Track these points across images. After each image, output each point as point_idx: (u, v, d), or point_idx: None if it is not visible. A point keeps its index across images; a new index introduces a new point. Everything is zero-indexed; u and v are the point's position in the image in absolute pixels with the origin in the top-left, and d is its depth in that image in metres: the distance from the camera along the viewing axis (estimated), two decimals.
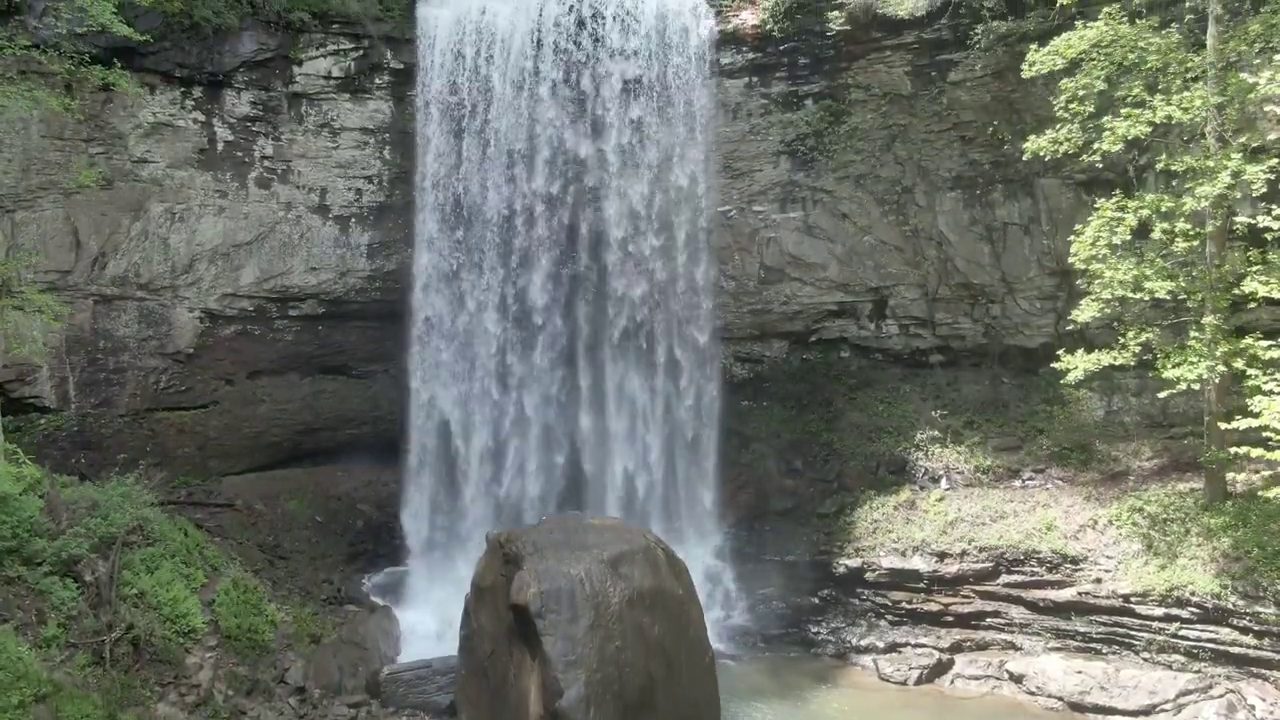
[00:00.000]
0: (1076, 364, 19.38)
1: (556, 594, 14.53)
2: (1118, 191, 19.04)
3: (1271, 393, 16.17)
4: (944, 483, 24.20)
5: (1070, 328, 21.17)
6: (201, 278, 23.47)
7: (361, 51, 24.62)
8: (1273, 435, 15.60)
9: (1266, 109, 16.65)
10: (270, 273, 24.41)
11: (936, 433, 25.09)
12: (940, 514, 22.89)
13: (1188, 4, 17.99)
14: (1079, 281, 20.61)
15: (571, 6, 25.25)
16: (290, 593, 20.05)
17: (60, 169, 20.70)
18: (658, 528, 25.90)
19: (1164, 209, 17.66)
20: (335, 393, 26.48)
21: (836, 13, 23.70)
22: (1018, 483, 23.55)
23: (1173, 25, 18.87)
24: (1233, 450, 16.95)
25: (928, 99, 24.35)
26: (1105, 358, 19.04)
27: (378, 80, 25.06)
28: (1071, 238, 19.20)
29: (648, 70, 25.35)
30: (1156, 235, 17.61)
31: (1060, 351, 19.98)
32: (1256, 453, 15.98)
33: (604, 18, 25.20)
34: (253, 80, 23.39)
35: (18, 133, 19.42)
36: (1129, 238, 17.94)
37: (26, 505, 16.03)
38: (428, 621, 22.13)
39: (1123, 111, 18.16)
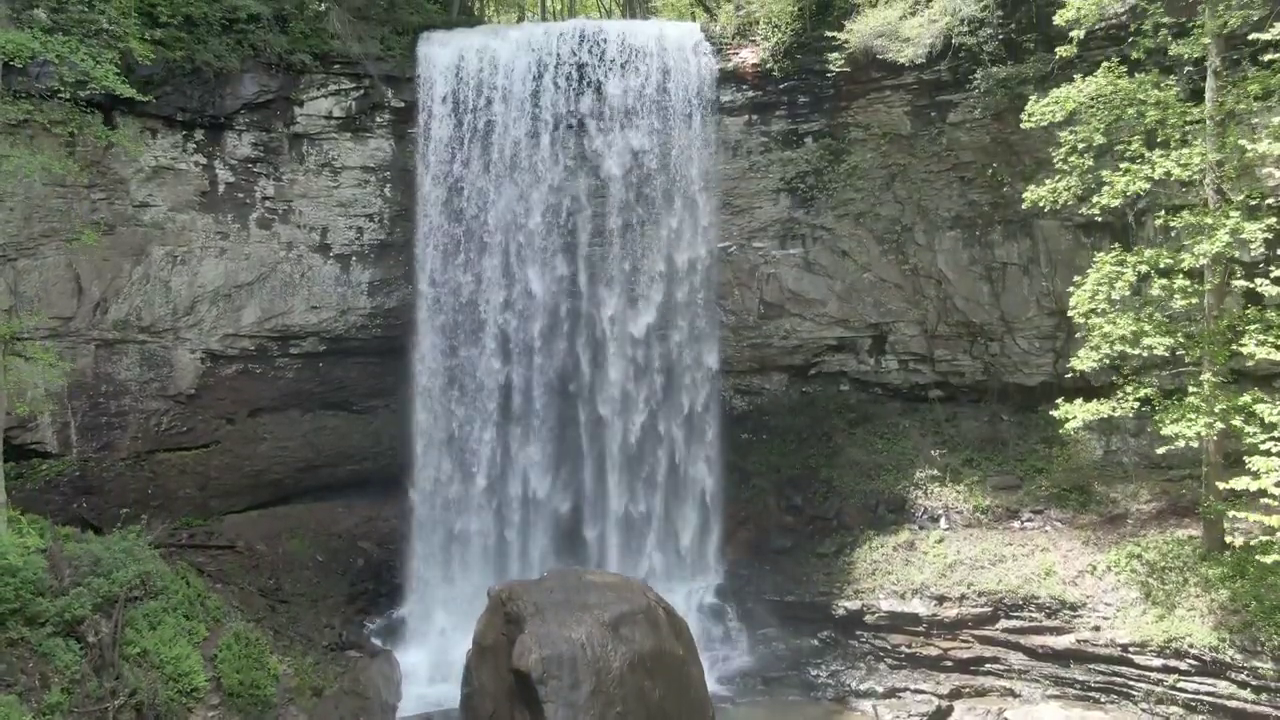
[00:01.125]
0: (1075, 413, 19.44)
1: (558, 660, 14.60)
2: (1116, 245, 19.11)
3: (1269, 453, 16.22)
4: (943, 522, 24.27)
5: (1069, 374, 21.26)
6: (203, 319, 23.51)
7: (363, 91, 24.64)
8: (1271, 501, 15.66)
9: (1263, 171, 16.67)
10: (271, 312, 24.45)
11: (935, 471, 25.17)
12: (939, 556, 22.96)
13: (1187, 54, 17.98)
14: (1078, 326, 20.75)
15: (572, 44, 25.36)
16: (292, 641, 20.09)
17: (62, 216, 20.73)
18: (658, 561, 26.28)
19: (1163, 264, 17.72)
20: (336, 429, 26.52)
21: (836, 54, 23.71)
22: (1016, 523, 23.62)
23: (1172, 77, 18.92)
24: (1231, 513, 17.00)
25: (927, 139, 24.42)
26: (1104, 408, 19.10)
27: (379, 118, 25.09)
28: (1071, 289, 19.22)
29: (648, 106, 25.43)
30: (1155, 291, 17.66)
31: (1059, 400, 20.02)
32: (1255, 517, 16.03)
33: (604, 55, 25.29)
34: (254, 122, 23.42)
35: (19, 182, 19.38)
36: (1128, 293, 17.98)
37: (30, 563, 16.07)
38: (429, 664, 22.26)
39: (1122, 166, 18.22)
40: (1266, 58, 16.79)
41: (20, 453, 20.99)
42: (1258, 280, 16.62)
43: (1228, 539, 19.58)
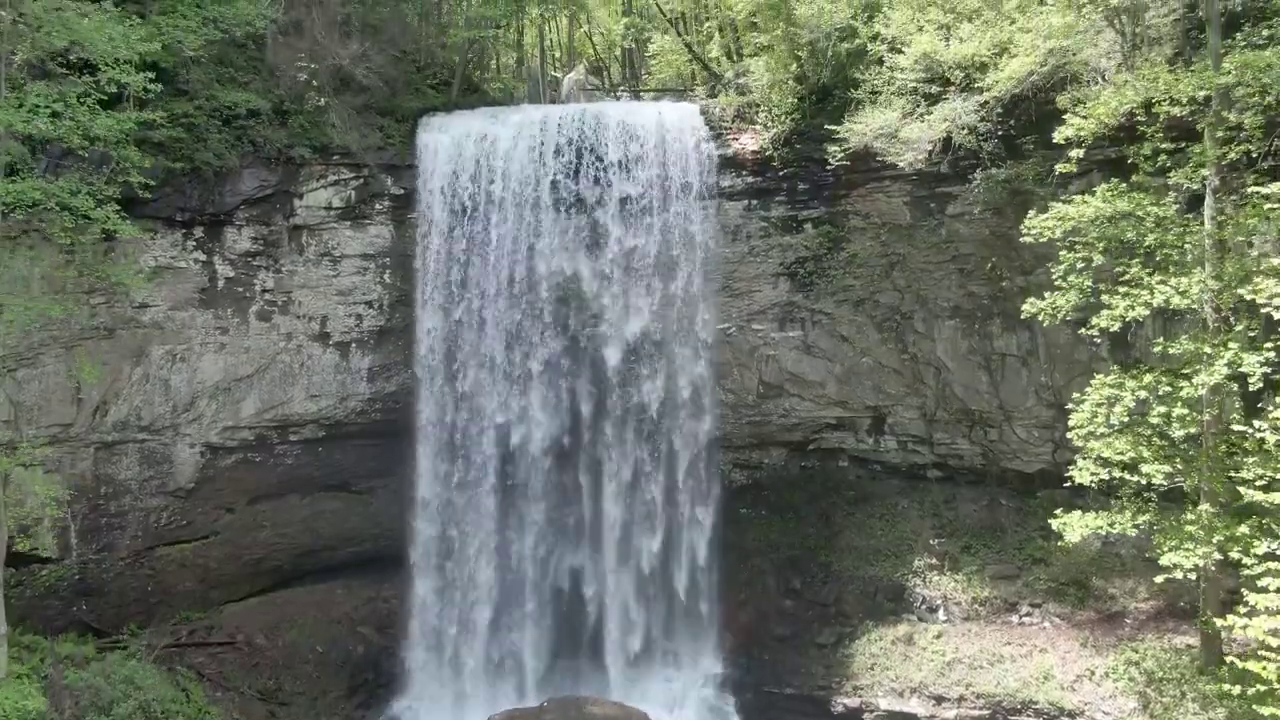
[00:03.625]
0: (1073, 525, 19.47)
1: None
2: (1116, 367, 19.14)
3: (1265, 589, 16.26)
4: (941, 614, 24.33)
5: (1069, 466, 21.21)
6: (203, 414, 23.52)
7: (362, 180, 24.65)
8: (1269, 654, 15.70)
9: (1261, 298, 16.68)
10: (271, 403, 24.46)
11: (934, 560, 25.21)
12: (938, 653, 23.03)
13: (1185, 184, 18.00)
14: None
15: (572, 129, 25.36)
16: None
17: (62, 324, 20.72)
18: (658, 644, 26.35)
19: (1162, 392, 17.75)
20: (335, 511, 26.51)
21: (836, 148, 23.68)
22: (1015, 618, 23.67)
23: (1171, 193, 18.91)
24: (1229, 658, 17.07)
25: (926, 230, 24.44)
26: (1102, 521, 19.16)
27: (378, 206, 25.09)
28: (1071, 408, 19.23)
29: (648, 192, 25.45)
30: (1154, 420, 17.69)
31: (1058, 511, 20.05)
32: (1253, 666, 16.08)
33: (604, 139, 25.31)
34: (254, 216, 23.42)
35: (19, 291, 19.35)
36: (1126, 419, 18.02)
37: (30, 699, 16.11)
38: None
39: (1120, 290, 18.24)
40: (1265, 190, 16.79)
41: (19, 559, 20.96)
42: (1255, 422, 16.64)
43: (1224, 652, 19.59)
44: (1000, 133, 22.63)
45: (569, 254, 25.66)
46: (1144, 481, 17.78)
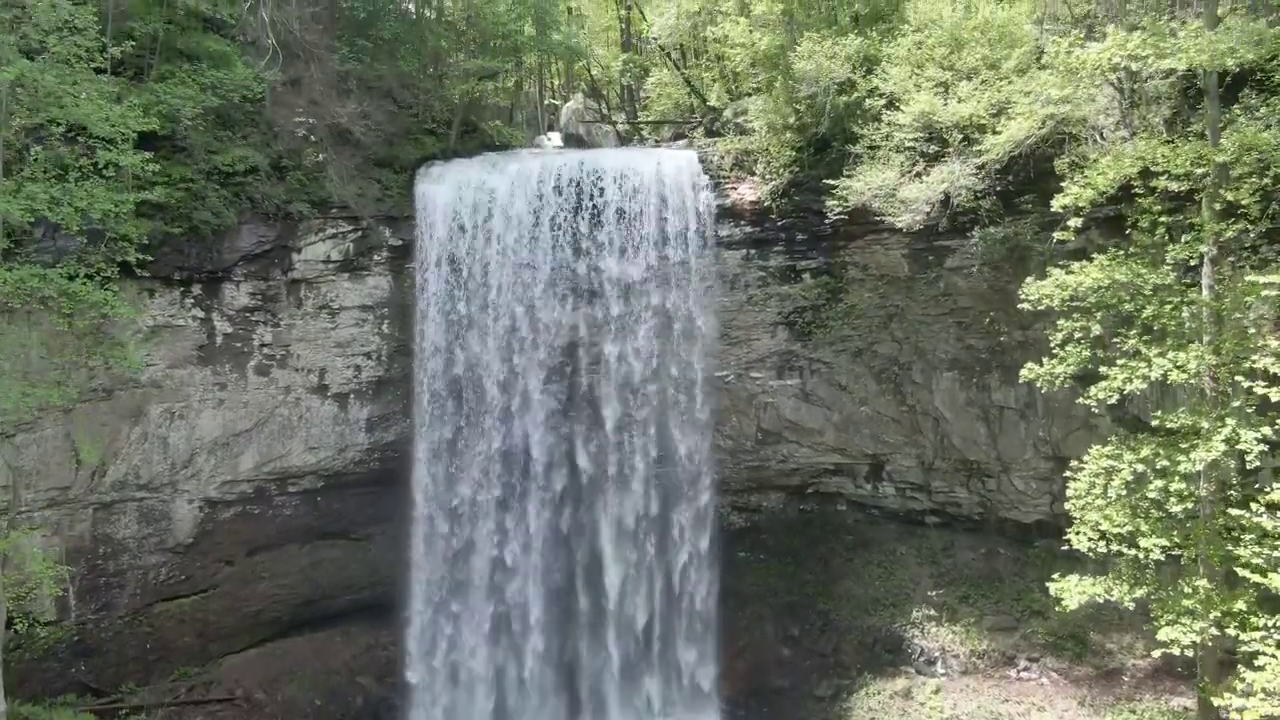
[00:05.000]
0: (1070, 591, 19.43)
1: None
2: (1113, 438, 19.11)
3: (1262, 668, 16.28)
4: (940, 666, 24.37)
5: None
6: (201, 470, 23.51)
7: (360, 233, 24.64)
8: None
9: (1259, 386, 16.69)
10: (270, 456, 24.46)
11: (932, 611, 25.24)
12: (936, 709, 23.08)
13: (1185, 257, 17.99)
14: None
15: (569, 179, 25.36)
16: None
17: (60, 388, 20.63)
18: (656, 693, 26.38)
19: (1159, 465, 17.74)
20: (334, 560, 26.51)
21: (834, 202, 23.66)
22: (1013, 672, 23.72)
23: (1169, 262, 18.89)
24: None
25: (925, 282, 24.44)
26: (1100, 589, 19.14)
27: (376, 257, 25.08)
28: (1069, 476, 19.19)
29: (646, 241, 25.47)
30: (1152, 494, 17.69)
31: (1055, 575, 20.01)
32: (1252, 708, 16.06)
33: (603, 189, 25.32)
34: (252, 272, 23.39)
35: (17, 357, 19.34)
36: (1124, 492, 18.01)
37: None
38: None
39: (1119, 362, 18.22)
40: (1262, 279, 16.78)
41: (18, 612, 20.96)
42: (1253, 505, 16.65)
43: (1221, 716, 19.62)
44: (999, 188, 22.62)
45: (568, 303, 25.71)
46: (1142, 556, 17.77)
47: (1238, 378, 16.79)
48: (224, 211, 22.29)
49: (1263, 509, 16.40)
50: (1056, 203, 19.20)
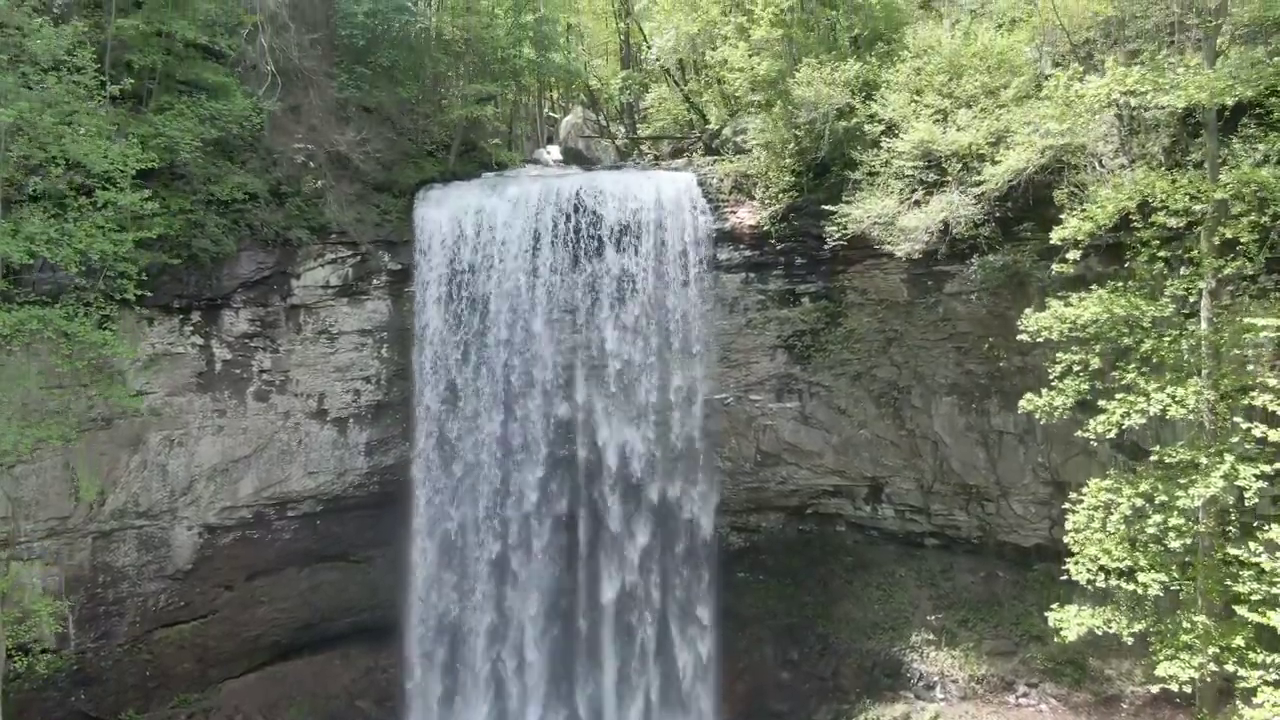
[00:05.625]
0: (1069, 622, 19.47)
1: None
2: (1111, 471, 19.13)
3: (1261, 705, 16.31)
4: (938, 691, 24.38)
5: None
6: (200, 496, 23.51)
7: (360, 258, 24.64)
8: None
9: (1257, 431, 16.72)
10: (269, 481, 24.46)
11: (931, 635, 25.26)
12: None
13: (1184, 292, 17.99)
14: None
15: (568, 202, 25.36)
16: None
17: (59, 418, 20.65)
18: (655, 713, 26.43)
19: (1158, 500, 17.76)
20: (334, 582, 26.52)
21: (833, 228, 23.65)
22: (1012, 698, 23.75)
23: (1168, 296, 18.88)
24: None
25: (924, 307, 24.43)
26: (1099, 620, 19.17)
27: (375, 281, 25.09)
28: (1068, 507, 19.23)
29: (646, 264, 25.47)
30: (1150, 530, 17.71)
31: (1054, 605, 20.05)
32: None
33: (602, 213, 25.32)
34: (251, 298, 23.38)
35: (17, 387, 19.34)
36: (1123, 526, 18.03)
37: None
38: None
39: (1118, 396, 18.24)
40: (1260, 321, 16.79)
41: (17, 651, 20.97)
42: (1250, 544, 16.67)
43: None
44: (997, 214, 22.59)
45: (567, 326, 25.72)
46: (1140, 591, 17.79)
47: (1236, 419, 16.78)
48: (223, 239, 22.27)
49: (1261, 547, 16.41)
50: (1055, 235, 19.24)
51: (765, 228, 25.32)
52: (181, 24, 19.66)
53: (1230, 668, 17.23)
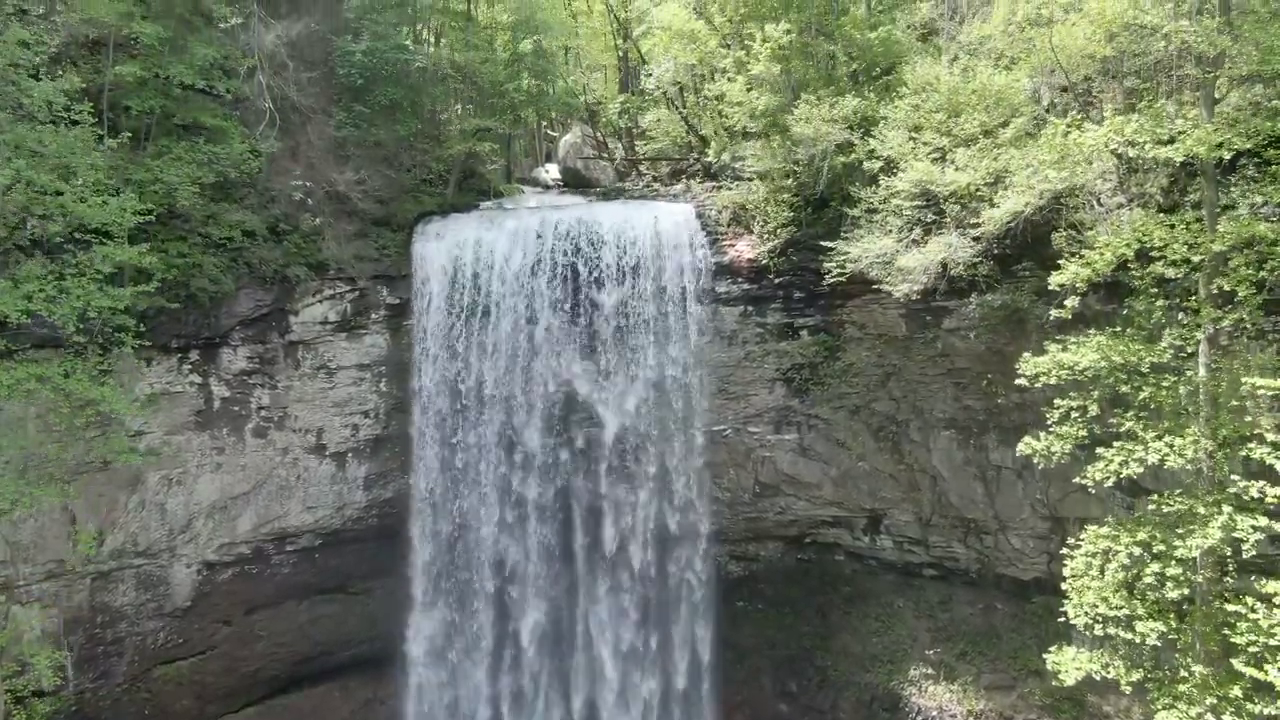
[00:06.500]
0: (1067, 666, 19.47)
1: None
2: (1109, 520, 19.11)
3: None
4: None
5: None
6: (199, 534, 23.52)
7: (358, 293, 24.64)
8: None
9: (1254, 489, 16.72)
10: (268, 517, 24.47)
11: (930, 669, 25.29)
12: None
13: (1181, 343, 17.98)
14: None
15: (566, 236, 25.35)
16: None
17: (57, 463, 20.65)
18: None
19: (1156, 550, 17.75)
20: (333, 615, 26.55)
21: (831, 264, 23.64)
22: None
23: (1166, 342, 18.88)
24: None
25: (922, 343, 24.43)
26: (1097, 664, 19.17)
27: (374, 316, 25.10)
28: (1066, 553, 19.21)
29: (644, 298, 25.47)
30: (1149, 579, 17.71)
31: (1052, 648, 20.05)
32: None
33: (600, 247, 25.31)
34: (249, 336, 23.38)
35: (15, 432, 19.34)
36: (1121, 575, 18.02)
37: None
38: None
39: (1116, 444, 18.23)
40: (1260, 382, 16.77)
41: (16, 693, 20.97)
42: (1247, 598, 16.68)
43: None
44: (996, 252, 22.57)
45: (565, 360, 25.71)
46: (1138, 640, 17.79)
47: (1234, 476, 16.78)
48: (222, 278, 22.25)
49: (1258, 603, 16.41)
50: (1054, 280, 19.14)
51: (764, 261, 25.33)
52: (180, 68, 19.62)
53: (1228, 719, 17.23)
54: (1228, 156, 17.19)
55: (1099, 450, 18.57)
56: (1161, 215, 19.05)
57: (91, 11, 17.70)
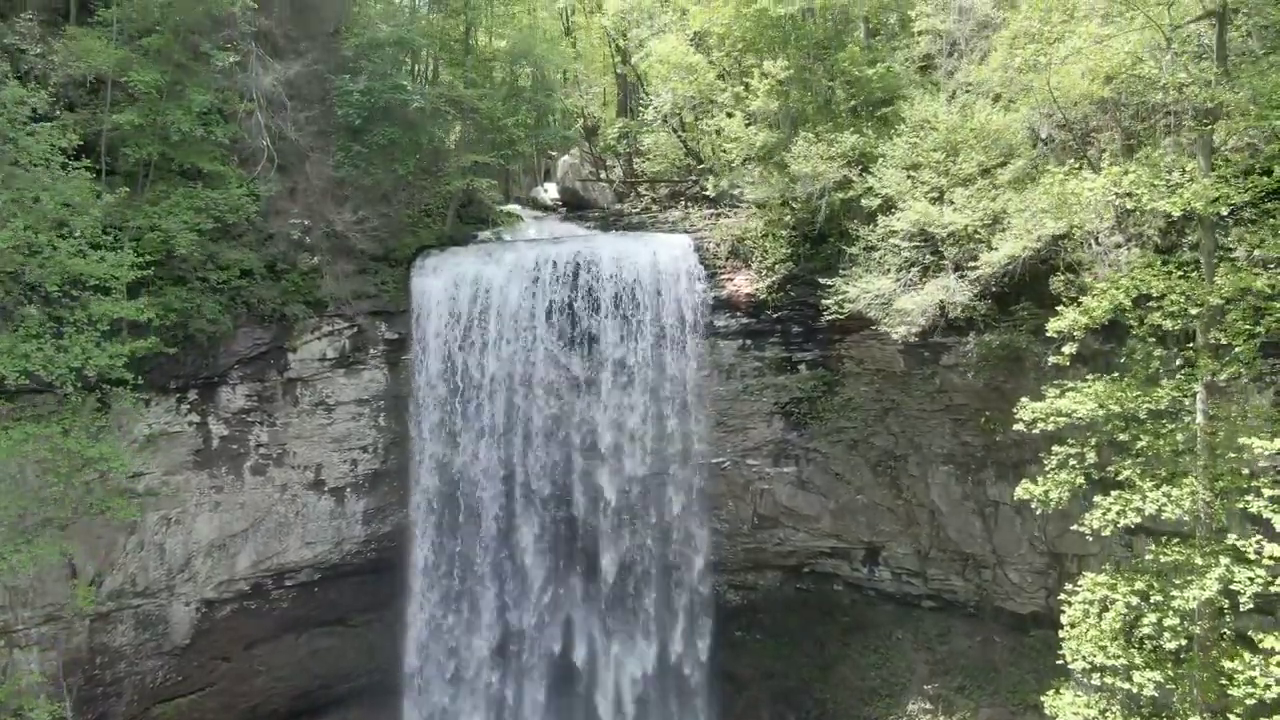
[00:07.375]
0: (1064, 710, 19.50)
1: None
2: (1106, 567, 19.13)
3: None
4: None
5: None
6: (198, 572, 23.53)
7: (356, 329, 24.65)
8: None
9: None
10: (266, 554, 24.49)
11: (928, 704, 25.31)
12: None
13: (1177, 396, 17.97)
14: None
15: (565, 269, 25.38)
16: None
17: (56, 505, 20.62)
18: None
19: (1153, 600, 17.77)
20: (331, 648, 26.57)
21: (829, 301, 23.64)
22: None
23: (1164, 390, 18.87)
24: None
25: (920, 378, 24.46)
26: (1095, 710, 19.20)
27: (372, 351, 25.13)
28: (1064, 598, 19.22)
29: (641, 332, 25.50)
30: (1146, 630, 17.73)
31: (1049, 692, 20.07)
32: None
33: (599, 281, 25.33)
34: (247, 374, 23.39)
35: (13, 477, 19.34)
36: (1118, 625, 18.04)
37: None
38: None
39: (1113, 493, 18.24)
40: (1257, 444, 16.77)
41: None
42: (1245, 653, 16.69)
43: None
44: (994, 290, 22.57)
45: (563, 393, 25.74)
46: (1135, 690, 17.82)
47: (1231, 536, 16.80)
48: (220, 317, 22.25)
49: (1256, 659, 16.43)
50: (1051, 327, 19.12)
51: (762, 296, 25.37)
52: (177, 115, 19.61)
53: None
54: (1225, 210, 17.18)
55: (1096, 499, 18.61)
56: (1159, 257, 19.03)
57: (90, 60, 17.70)
